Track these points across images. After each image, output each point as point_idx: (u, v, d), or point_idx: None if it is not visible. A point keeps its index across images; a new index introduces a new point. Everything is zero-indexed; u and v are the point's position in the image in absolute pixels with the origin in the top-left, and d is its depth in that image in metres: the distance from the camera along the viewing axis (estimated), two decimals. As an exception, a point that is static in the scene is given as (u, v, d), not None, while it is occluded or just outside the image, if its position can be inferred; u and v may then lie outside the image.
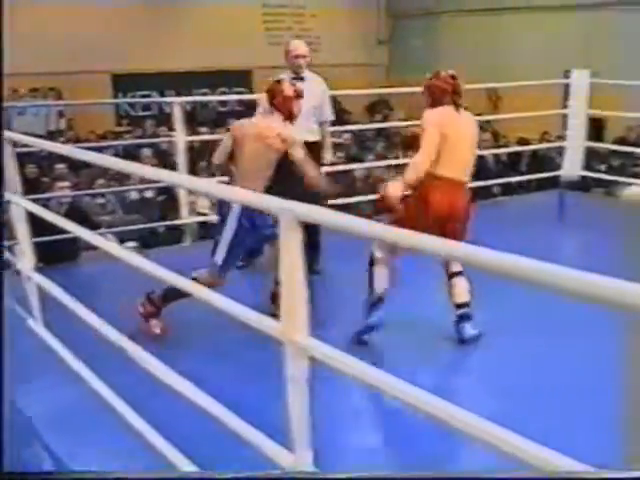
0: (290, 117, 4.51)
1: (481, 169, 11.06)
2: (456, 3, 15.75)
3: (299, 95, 4.53)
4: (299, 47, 5.54)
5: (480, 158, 11.73)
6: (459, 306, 4.34)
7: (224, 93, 15.31)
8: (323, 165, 5.59)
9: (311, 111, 5.38)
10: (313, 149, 5.20)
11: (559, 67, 9.83)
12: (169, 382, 2.68)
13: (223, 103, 15.45)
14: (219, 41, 15.06)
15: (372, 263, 4.33)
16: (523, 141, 11.49)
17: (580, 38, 13.55)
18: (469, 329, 4.33)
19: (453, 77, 4.32)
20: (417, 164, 4.12)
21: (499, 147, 12.23)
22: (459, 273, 4.37)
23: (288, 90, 4.48)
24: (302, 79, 5.37)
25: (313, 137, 5.51)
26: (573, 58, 11.00)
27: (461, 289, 4.35)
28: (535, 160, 11.10)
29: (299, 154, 4.40)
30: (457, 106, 4.30)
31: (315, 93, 5.45)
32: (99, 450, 3.24)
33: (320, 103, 5.56)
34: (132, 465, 2.94)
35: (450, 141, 4.17)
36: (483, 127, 14.05)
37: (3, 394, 2.76)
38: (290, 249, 1.98)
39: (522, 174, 10.18)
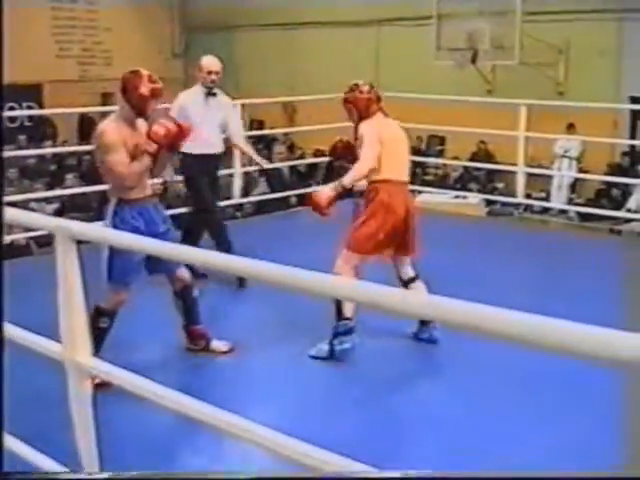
0: (142, 114, 4.05)
1: (276, 181, 11.22)
2: (251, 18, 15.92)
3: (156, 94, 4.04)
4: (212, 64, 5.63)
5: (275, 170, 11.91)
6: None
7: (12, 108, 14.63)
8: (263, 171, 6.67)
9: (219, 126, 5.68)
10: (216, 161, 5.74)
11: (352, 80, 10.15)
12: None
13: (12, 119, 14.78)
14: (5, 52, 14.38)
15: None
16: (319, 152, 11.75)
17: (371, 52, 14.11)
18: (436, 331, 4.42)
19: (371, 86, 4.52)
20: (359, 169, 4.30)
21: (296, 159, 12.46)
22: (415, 278, 4.46)
23: (144, 88, 3.97)
24: (214, 95, 5.63)
25: (217, 150, 5.74)
26: (364, 71, 11.41)
27: (423, 293, 4.26)
28: (331, 171, 11.38)
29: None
30: (384, 113, 4.49)
31: (224, 108, 5.72)
32: None
33: (227, 119, 5.75)
34: None
35: (389, 146, 4.34)
36: (279, 139, 14.33)
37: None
38: (67, 267, 1.92)
39: (318, 184, 10.43)
